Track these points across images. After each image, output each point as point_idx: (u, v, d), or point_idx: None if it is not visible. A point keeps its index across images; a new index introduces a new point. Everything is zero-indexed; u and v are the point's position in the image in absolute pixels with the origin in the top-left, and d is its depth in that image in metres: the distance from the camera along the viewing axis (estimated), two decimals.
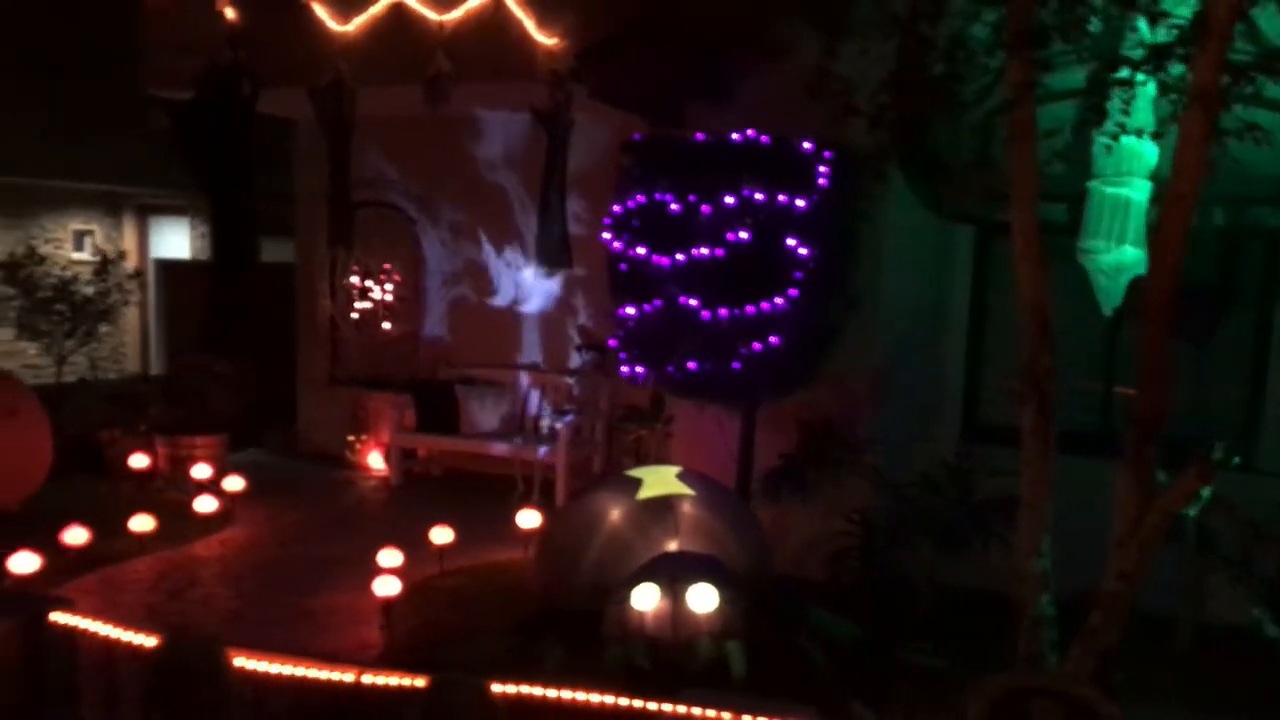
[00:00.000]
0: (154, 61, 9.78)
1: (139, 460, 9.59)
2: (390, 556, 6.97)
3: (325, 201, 10.74)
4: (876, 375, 7.13)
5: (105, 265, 10.46)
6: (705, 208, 6.50)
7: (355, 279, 11.28)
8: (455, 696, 2.98)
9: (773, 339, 6.50)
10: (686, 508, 5.65)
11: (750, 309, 6.45)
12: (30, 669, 3.70)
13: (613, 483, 6.02)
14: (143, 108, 13.12)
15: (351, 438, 11.05)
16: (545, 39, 8.28)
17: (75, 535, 7.28)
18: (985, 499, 5.86)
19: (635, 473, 6.02)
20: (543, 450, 9.67)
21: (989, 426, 7.10)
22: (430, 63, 8.50)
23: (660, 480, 5.83)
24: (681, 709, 3.09)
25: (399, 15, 8.82)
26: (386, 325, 11.27)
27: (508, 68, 8.43)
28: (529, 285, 10.67)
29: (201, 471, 9.34)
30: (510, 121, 10.12)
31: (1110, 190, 6.17)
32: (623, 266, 6.87)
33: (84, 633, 3.69)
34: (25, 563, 6.43)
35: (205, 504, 8.41)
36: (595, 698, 3.16)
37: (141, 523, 7.81)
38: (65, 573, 7.01)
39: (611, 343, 7.08)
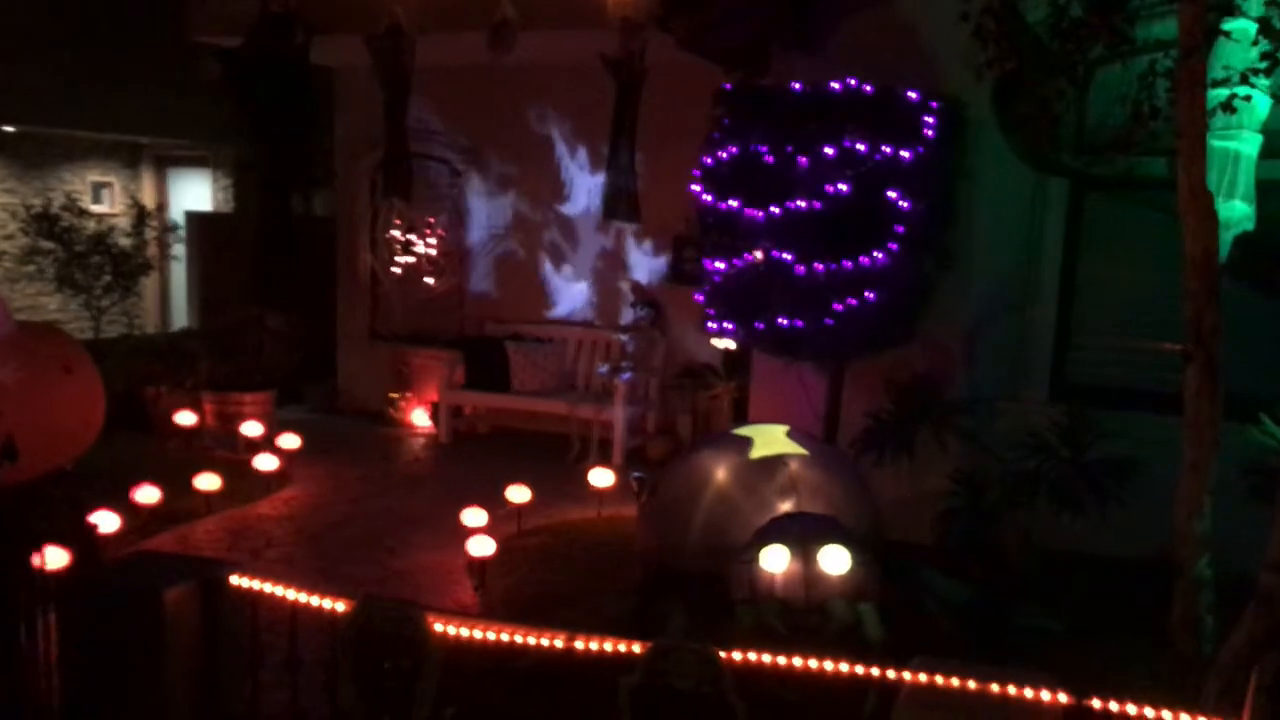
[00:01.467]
0: (202, 6, 9.47)
1: (186, 418, 9.42)
2: (475, 516, 6.86)
3: (367, 153, 10.62)
4: (967, 334, 7.01)
5: (142, 217, 10.20)
6: (802, 159, 6.32)
7: (397, 233, 11.05)
8: (678, 663, 2.87)
9: (869, 295, 6.35)
10: (801, 467, 5.53)
11: (848, 264, 6.29)
12: (209, 633, 3.57)
13: (720, 441, 5.89)
14: (165, 55, 12.86)
15: (395, 395, 10.89)
16: None
17: (147, 494, 7.14)
18: (1097, 459, 5.77)
19: (743, 431, 5.89)
20: (601, 408, 9.53)
21: (1078, 387, 6.98)
22: (495, 9, 8.23)
23: (771, 439, 5.70)
24: (922, 677, 2.98)
25: None
26: (430, 280, 11.04)
27: (577, 14, 8.19)
28: (580, 240, 10.48)
29: (253, 429, 9.19)
30: (561, 70, 9.87)
31: (1219, 144, 5.99)
32: (711, 220, 6.68)
33: (267, 596, 3.56)
34: (106, 522, 6.32)
35: (266, 462, 8.25)
36: (829, 665, 3.05)
37: (208, 481, 7.67)
38: (139, 532, 6.92)
39: (698, 297, 6.91)
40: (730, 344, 7.04)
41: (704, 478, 5.66)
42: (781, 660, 3.02)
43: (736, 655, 3.00)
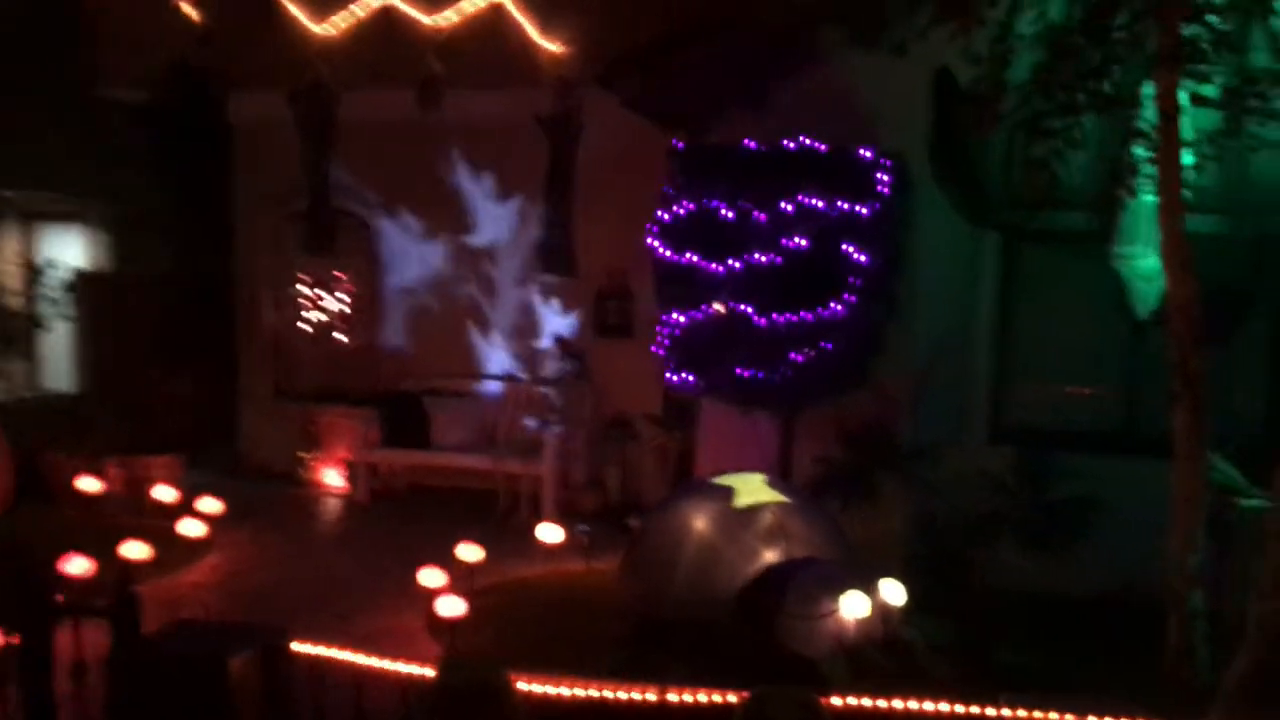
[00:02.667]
0: (102, 60, 9.13)
1: (89, 483, 8.90)
2: (432, 576, 6.70)
3: (271, 208, 10.37)
4: (911, 380, 7.30)
5: (34, 275, 9.64)
6: (760, 214, 6.53)
7: (305, 288, 10.78)
8: (779, 710, 2.89)
9: (826, 345, 6.59)
10: (785, 514, 5.65)
11: (807, 315, 6.51)
12: (271, 698, 3.42)
13: (701, 491, 5.96)
14: (39, 106, 12.29)
15: (304, 455, 10.55)
16: (549, 45, 8.15)
17: (79, 565, 6.70)
18: (1059, 499, 6.07)
19: (723, 480, 5.97)
20: (528, 462, 9.46)
21: (1015, 430, 7.35)
22: (422, 67, 8.24)
23: (752, 487, 5.81)
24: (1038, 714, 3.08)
25: (386, 18, 8.54)
26: (340, 336, 10.80)
27: (509, 74, 8.26)
28: (499, 294, 10.44)
29: (165, 494, 8.75)
30: (479, 125, 9.86)
31: (1148, 198, 6.47)
32: (668, 274, 6.81)
33: (328, 660, 3.43)
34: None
35: (190, 528, 7.87)
36: (929, 706, 3.12)
37: (135, 550, 7.24)
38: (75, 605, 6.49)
39: (656, 350, 6.99)
40: (688, 393, 7.11)
41: (687, 527, 5.73)
42: (883, 703, 3.09)
43: (836, 700, 3.05)
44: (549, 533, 7.84)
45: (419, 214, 10.54)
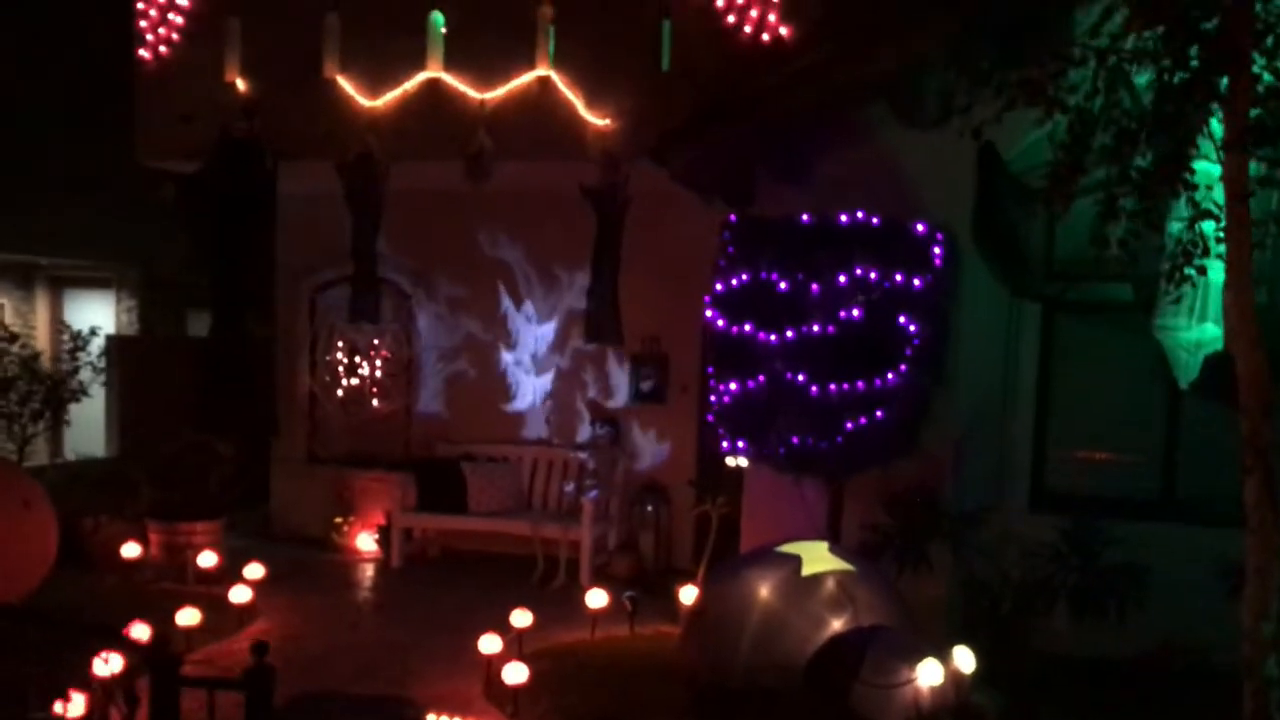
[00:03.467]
0: (153, 131, 9.34)
1: (130, 549, 8.95)
2: (491, 642, 6.75)
3: (308, 275, 10.52)
4: (954, 447, 7.42)
5: (77, 343, 9.76)
6: (814, 286, 6.69)
7: (341, 355, 10.91)
8: None
9: (879, 413, 6.71)
10: (852, 582, 5.73)
11: (861, 384, 6.64)
12: None
13: (765, 559, 6.03)
14: (73, 175, 12.54)
15: (339, 519, 10.59)
16: (595, 119, 8.38)
17: (140, 631, 6.73)
18: (1110, 565, 6.17)
19: (787, 548, 6.06)
20: (567, 527, 9.52)
21: (1056, 495, 7.48)
22: (471, 139, 8.44)
23: (817, 555, 5.90)
24: None
25: (434, 92, 8.77)
26: (375, 402, 10.91)
27: (556, 147, 8.47)
28: (534, 360, 10.57)
29: (208, 559, 8.80)
30: (515, 195, 10.05)
31: (1188, 271, 6.63)
32: (722, 343, 6.96)
33: None
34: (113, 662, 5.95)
35: (239, 594, 7.90)
36: None
37: (188, 616, 7.28)
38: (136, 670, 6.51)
39: (710, 418, 7.11)
40: (743, 462, 7.21)
41: (752, 595, 5.80)
42: None
43: None
44: (595, 598, 7.89)
45: (455, 282, 10.70)
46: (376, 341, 10.86)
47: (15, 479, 7.57)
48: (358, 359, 10.86)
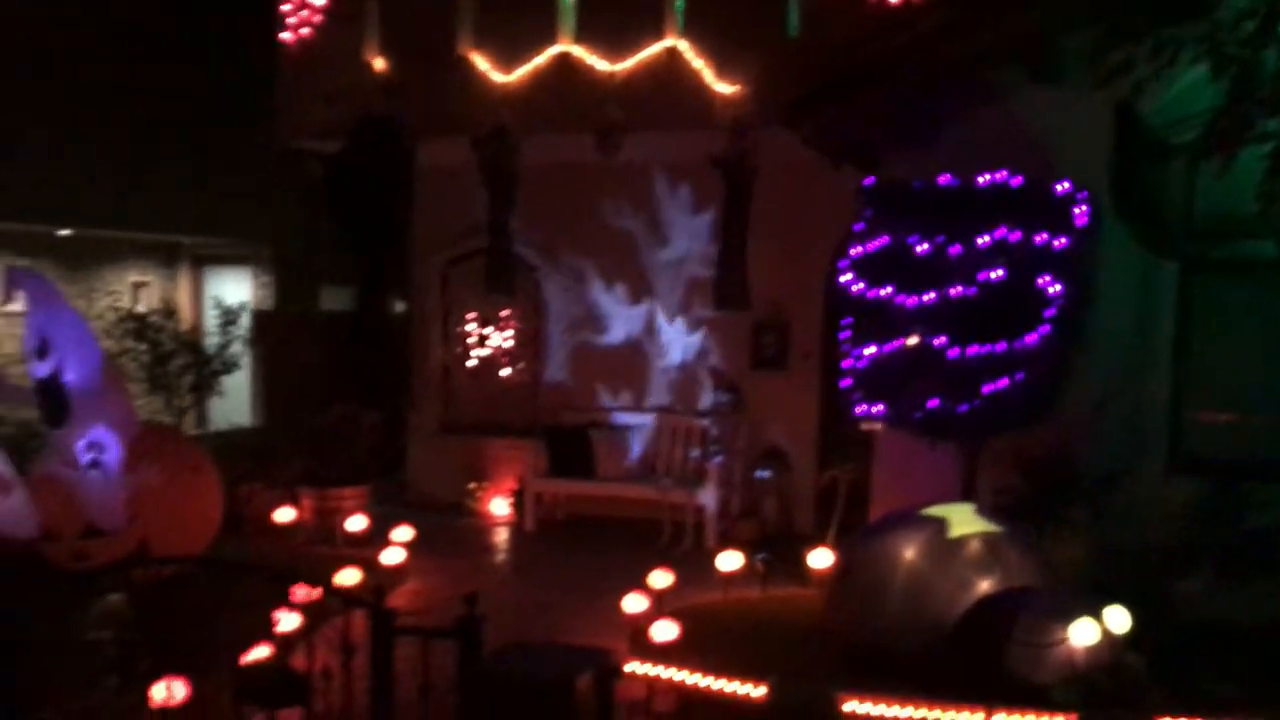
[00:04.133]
0: (295, 112, 9.74)
1: (284, 514, 9.43)
2: (635, 601, 6.99)
3: (440, 250, 10.84)
4: (1091, 410, 7.35)
5: (229, 317, 10.28)
6: (954, 248, 6.70)
7: (472, 327, 11.26)
8: None
9: (1018, 376, 6.70)
10: (1001, 544, 5.79)
11: (1000, 346, 6.64)
12: (604, 717, 3.72)
13: (911, 521, 6.11)
14: (214, 157, 13.09)
15: (472, 485, 10.97)
16: (724, 87, 8.47)
17: (303, 593, 7.12)
18: (1259, 528, 6.10)
19: (933, 511, 6.13)
20: (692, 492, 9.71)
21: (1196, 459, 7.36)
22: (602, 112, 8.61)
23: (964, 518, 5.96)
24: None
25: (565, 65, 8.95)
26: (505, 371, 11.24)
27: (685, 116, 8.59)
28: (657, 328, 10.75)
29: (357, 523, 9.22)
30: (639, 167, 10.23)
31: None
32: (859, 307, 7.02)
33: (662, 681, 3.72)
34: (287, 620, 6.32)
35: (392, 556, 8.29)
36: None
37: (349, 577, 7.67)
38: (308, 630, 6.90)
39: (844, 383, 7.20)
40: (876, 426, 7.28)
41: (898, 557, 5.89)
42: None
43: None
44: (727, 560, 8.06)
45: (580, 253, 10.94)
46: (506, 314, 11.17)
47: (186, 447, 8.06)
48: (488, 331, 11.20)
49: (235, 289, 15.06)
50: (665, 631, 6.38)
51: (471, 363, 11.27)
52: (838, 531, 8.22)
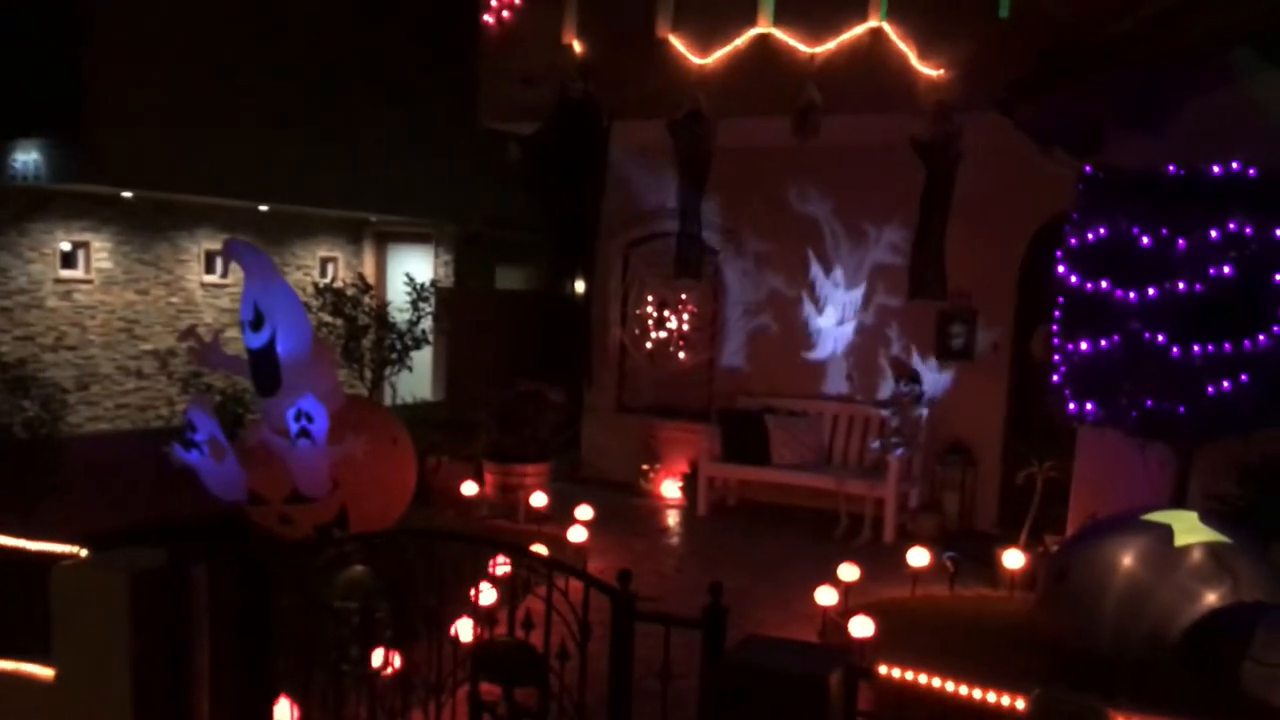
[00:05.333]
0: (495, 94, 9.94)
1: (469, 488, 9.67)
2: (826, 594, 6.92)
3: (620, 231, 10.91)
4: None
5: (420, 293, 10.59)
6: (1181, 241, 6.36)
7: (650, 309, 11.31)
8: None
9: (1243, 377, 6.33)
10: (1231, 555, 5.48)
11: (1228, 346, 6.28)
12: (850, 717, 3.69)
13: (1131, 527, 5.83)
14: (400, 136, 13.49)
15: (645, 466, 11.04)
16: (928, 70, 8.25)
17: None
18: None
19: (1155, 517, 5.85)
20: (872, 484, 9.54)
21: None
22: (800, 94, 8.48)
23: (1189, 526, 5.66)
24: None
25: (764, 47, 8.86)
26: (681, 355, 11.27)
27: (887, 99, 8.40)
28: (836, 314, 10.59)
29: (539, 499, 9.38)
30: (826, 151, 10.04)
31: None
32: (1074, 300, 6.75)
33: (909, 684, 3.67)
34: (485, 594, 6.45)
35: (577, 534, 8.40)
36: None
37: (536, 551, 7.81)
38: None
39: (1055, 379, 6.93)
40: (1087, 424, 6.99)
41: (1118, 565, 5.63)
42: None
43: None
44: (916, 557, 7.89)
45: (763, 237, 10.85)
46: (684, 296, 11.19)
47: (385, 418, 8.30)
48: (666, 313, 11.24)
49: (417, 265, 15.56)
50: (862, 627, 6.28)
51: (648, 344, 11.32)
52: (1030, 532, 7.92)
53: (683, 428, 11.02)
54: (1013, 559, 7.76)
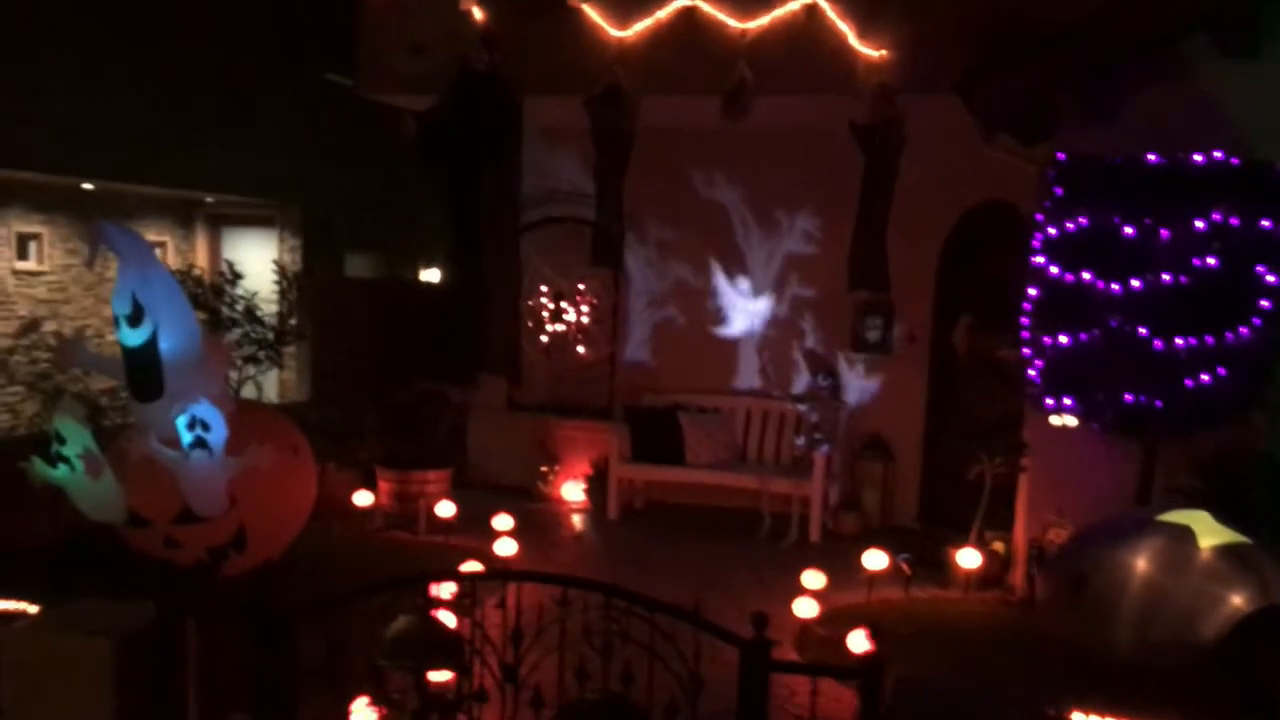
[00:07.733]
0: (378, 63, 8.96)
1: (363, 497, 8.73)
2: (806, 606, 6.46)
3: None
4: (1271, 408, 6.93)
5: (289, 283, 9.43)
6: (1164, 232, 6.21)
7: (546, 300, 10.57)
8: None
9: (1220, 370, 6.26)
10: (1256, 556, 5.32)
11: (1210, 339, 6.18)
12: None
13: (1148, 529, 5.59)
14: (236, 109, 12.19)
15: (544, 468, 10.32)
16: (868, 50, 7.88)
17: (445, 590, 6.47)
18: None
19: (1171, 517, 5.64)
20: (799, 482, 9.18)
21: None
22: (730, 73, 7.96)
23: (1206, 526, 5.48)
24: None
25: (690, 21, 8.27)
26: (580, 349, 10.58)
27: (822, 80, 7.97)
28: (747, 307, 10.17)
29: (445, 509, 8.54)
30: (731, 134, 9.55)
31: None
32: (1052, 292, 6.51)
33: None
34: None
35: (505, 547, 7.65)
36: None
37: (470, 566, 7.01)
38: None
39: (1032, 373, 6.68)
40: (1070, 420, 6.76)
41: (1137, 568, 5.40)
42: None
43: None
44: (873, 559, 7.53)
45: (664, 224, 10.30)
46: (582, 286, 10.50)
47: (284, 426, 7.31)
48: (563, 304, 10.52)
49: (256, 252, 14.16)
50: (860, 642, 5.83)
51: (543, 338, 10.58)
52: (980, 529, 7.70)
53: (583, 426, 10.35)
54: (967, 559, 7.53)
